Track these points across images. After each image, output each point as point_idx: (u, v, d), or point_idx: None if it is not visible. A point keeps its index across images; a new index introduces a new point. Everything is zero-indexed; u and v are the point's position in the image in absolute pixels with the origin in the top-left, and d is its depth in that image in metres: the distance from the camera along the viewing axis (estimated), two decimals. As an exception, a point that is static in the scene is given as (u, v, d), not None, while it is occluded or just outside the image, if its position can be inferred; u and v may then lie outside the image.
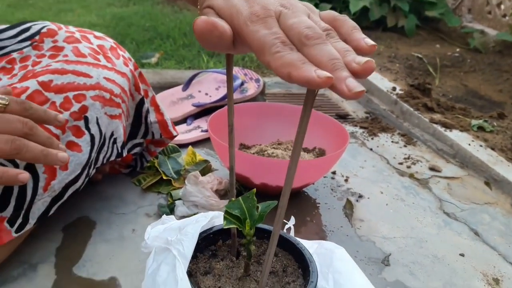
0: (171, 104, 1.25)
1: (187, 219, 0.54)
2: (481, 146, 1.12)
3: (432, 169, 1.08)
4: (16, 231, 0.61)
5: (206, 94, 1.29)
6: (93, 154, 0.69)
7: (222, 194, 0.85)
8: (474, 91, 1.63)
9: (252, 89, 1.32)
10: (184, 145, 1.06)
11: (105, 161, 0.73)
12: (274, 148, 0.96)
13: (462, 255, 0.78)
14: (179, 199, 0.83)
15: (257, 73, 1.58)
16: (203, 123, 1.19)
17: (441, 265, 0.75)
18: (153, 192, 0.88)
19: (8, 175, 0.51)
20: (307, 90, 0.32)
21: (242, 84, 1.32)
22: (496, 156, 1.07)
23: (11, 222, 0.60)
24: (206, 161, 0.95)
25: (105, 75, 0.70)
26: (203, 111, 1.24)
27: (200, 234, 0.52)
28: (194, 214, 0.76)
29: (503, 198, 0.97)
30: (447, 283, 0.71)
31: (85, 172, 0.68)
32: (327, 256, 0.52)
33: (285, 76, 0.29)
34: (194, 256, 0.52)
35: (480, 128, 1.22)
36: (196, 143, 1.10)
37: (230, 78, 0.44)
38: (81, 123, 0.66)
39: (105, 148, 0.72)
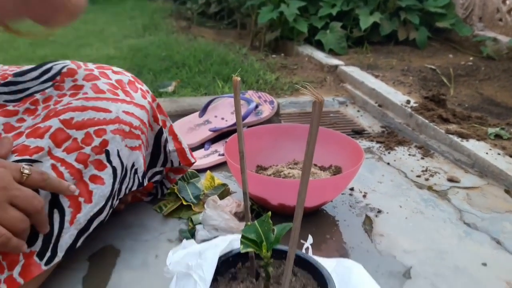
0: (189, 131, 1.29)
1: (207, 243, 0.56)
2: (499, 154, 1.11)
3: (450, 180, 1.07)
4: (46, 264, 0.63)
5: (222, 118, 1.32)
6: (116, 186, 0.72)
7: (241, 216, 0.87)
8: (490, 99, 1.62)
9: (266, 111, 1.34)
10: (202, 170, 1.09)
11: (127, 192, 0.76)
12: (290, 168, 0.97)
13: (484, 264, 0.78)
14: (200, 223, 0.85)
15: (271, 95, 1.61)
16: (220, 147, 1.22)
17: (463, 275, 0.75)
18: (174, 218, 0.90)
19: (11, 245, 0.56)
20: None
21: (256, 106, 1.35)
22: (515, 164, 1.06)
23: (40, 255, 0.63)
24: (224, 185, 0.98)
25: (124, 109, 0.73)
26: (220, 135, 1.27)
27: (220, 258, 0.54)
28: (215, 237, 0.77)
29: (525, 205, 0.96)
30: (470, 295, 0.71)
31: (109, 203, 0.71)
32: (346, 274, 0.53)
33: None
34: (215, 280, 0.53)
35: (498, 136, 1.22)
36: (214, 167, 1.12)
37: (238, 107, 0.46)
38: (102, 157, 0.69)
39: (127, 179, 0.74)
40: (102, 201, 0.69)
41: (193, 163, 0.92)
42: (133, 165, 0.75)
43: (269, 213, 0.49)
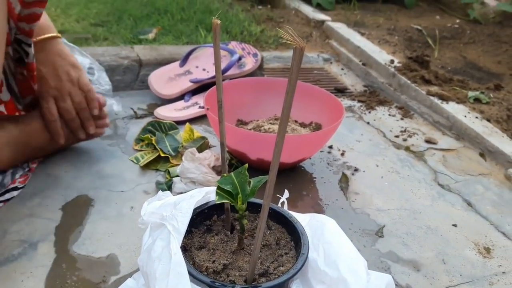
0: (169, 81, 1.25)
1: (182, 194, 0.56)
2: (476, 117, 1.12)
3: (428, 141, 1.08)
4: None
5: (204, 69, 1.28)
6: None
7: (219, 170, 0.86)
8: (473, 63, 1.62)
9: (249, 64, 1.31)
10: (182, 122, 1.07)
11: None
12: (271, 123, 0.97)
13: (454, 225, 0.80)
14: (177, 176, 0.84)
15: (255, 47, 1.57)
16: (200, 99, 1.20)
17: (434, 235, 0.77)
18: (151, 170, 0.89)
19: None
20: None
21: (239, 59, 1.32)
22: (491, 128, 1.07)
23: None
24: (203, 138, 0.96)
25: None
26: (201, 87, 1.24)
27: (195, 209, 0.54)
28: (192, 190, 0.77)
29: (497, 169, 0.98)
30: (439, 253, 0.73)
31: None
32: (319, 228, 0.53)
33: None
34: (189, 231, 0.53)
35: (477, 100, 1.22)
36: (194, 120, 1.11)
37: (217, 52, 0.44)
38: None
39: None
40: None
41: None
42: None
43: (246, 165, 0.49)
